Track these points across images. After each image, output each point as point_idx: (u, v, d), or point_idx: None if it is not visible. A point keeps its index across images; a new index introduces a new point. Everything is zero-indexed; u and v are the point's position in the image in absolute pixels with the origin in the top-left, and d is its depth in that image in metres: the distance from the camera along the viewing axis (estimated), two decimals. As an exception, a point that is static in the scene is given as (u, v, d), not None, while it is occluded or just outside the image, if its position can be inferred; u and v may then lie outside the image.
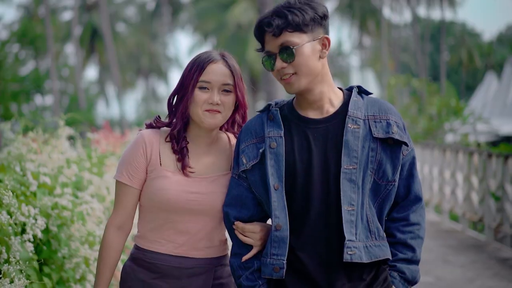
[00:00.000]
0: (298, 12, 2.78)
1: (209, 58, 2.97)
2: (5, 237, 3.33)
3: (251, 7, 39.23)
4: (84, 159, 5.29)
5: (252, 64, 38.62)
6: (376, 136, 2.83)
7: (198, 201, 2.99)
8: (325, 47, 2.84)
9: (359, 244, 2.79)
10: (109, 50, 35.72)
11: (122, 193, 3.00)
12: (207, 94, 2.95)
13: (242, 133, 2.97)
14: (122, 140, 8.97)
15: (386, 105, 2.92)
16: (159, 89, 58.61)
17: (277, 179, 2.83)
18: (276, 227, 2.81)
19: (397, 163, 2.85)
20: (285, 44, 2.79)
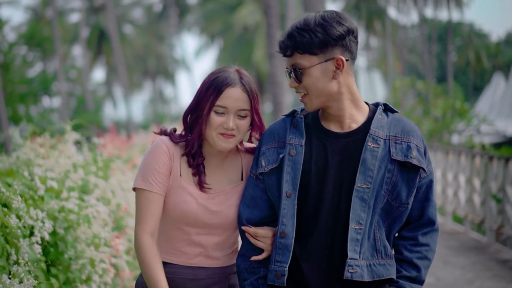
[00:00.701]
0: (308, 34, 2.77)
1: (226, 81, 2.92)
2: (14, 240, 3.47)
3: (257, 9, 39.36)
4: (90, 163, 5.43)
5: (258, 66, 38.73)
6: (395, 158, 2.82)
7: (214, 216, 2.99)
8: (339, 68, 2.80)
9: (362, 262, 2.79)
10: (116, 51, 35.90)
11: (148, 201, 2.94)
12: (222, 118, 2.92)
13: (265, 135, 2.98)
14: (128, 144, 9.13)
15: (410, 127, 2.90)
16: (166, 90, 58.79)
17: (291, 187, 2.84)
18: (281, 234, 2.84)
19: (412, 187, 2.84)
20: (294, 66, 2.82)
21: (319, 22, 2.77)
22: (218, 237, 3.03)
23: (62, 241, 4.25)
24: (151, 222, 2.93)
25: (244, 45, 40.37)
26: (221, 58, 45.27)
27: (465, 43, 53.82)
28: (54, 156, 4.84)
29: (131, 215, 5.65)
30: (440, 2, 48.45)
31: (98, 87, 53.31)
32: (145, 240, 2.91)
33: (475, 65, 52.04)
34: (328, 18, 2.78)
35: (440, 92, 20.24)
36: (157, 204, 2.94)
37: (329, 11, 2.82)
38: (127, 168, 6.92)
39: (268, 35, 18.62)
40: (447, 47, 46.92)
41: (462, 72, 56.76)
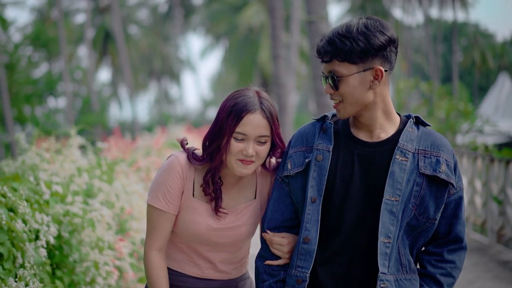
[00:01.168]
0: (349, 42, 2.72)
1: (246, 108, 2.90)
2: (20, 243, 3.57)
3: (262, 9, 39.42)
4: (94, 167, 5.53)
5: (263, 66, 38.79)
6: (423, 171, 2.78)
7: (224, 235, 3.02)
8: (377, 78, 2.77)
9: (390, 277, 2.77)
10: (121, 52, 35.97)
11: (158, 218, 2.98)
12: (242, 145, 2.91)
13: (294, 138, 2.97)
14: (132, 146, 9.23)
15: (440, 141, 2.85)
16: (172, 91, 58.84)
17: (316, 192, 2.83)
18: (305, 240, 2.83)
19: (440, 202, 2.81)
20: (332, 72, 2.77)
21: (362, 30, 2.73)
22: (227, 253, 3.07)
23: (67, 245, 4.36)
24: (159, 239, 2.98)
25: (249, 46, 40.42)
26: (226, 58, 45.36)
27: (471, 43, 53.79)
28: (59, 160, 4.94)
29: (134, 218, 5.76)
30: (445, 2, 48.49)
31: (103, 88, 53.43)
32: (153, 256, 2.98)
33: (481, 65, 51.99)
34: (371, 27, 2.74)
35: (444, 93, 20.30)
36: (166, 222, 2.97)
37: (372, 18, 2.77)
38: (131, 171, 7.02)
39: (272, 37, 18.71)
40: (452, 47, 46.92)
41: (468, 72, 56.74)
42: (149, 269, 2.99)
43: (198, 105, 63.92)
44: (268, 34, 37.21)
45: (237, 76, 42.47)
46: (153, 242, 2.99)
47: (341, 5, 52.16)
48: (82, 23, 46.45)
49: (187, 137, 3.25)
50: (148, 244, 3.00)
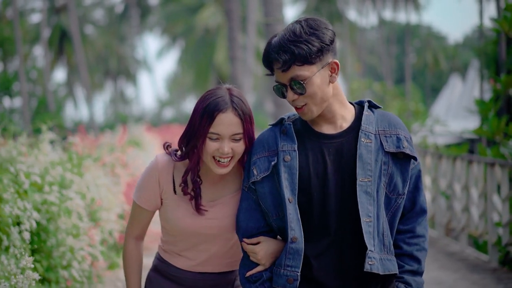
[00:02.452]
0: (305, 45, 2.77)
1: (218, 107, 2.95)
2: (6, 228, 3.90)
3: (219, 11, 39.71)
4: (66, 161, 5.86)
5: (220, 67, 39.07)
6: (388, 150, 2.87)
7: (213, 227, 3.10)
8: (334, 71, 2.85)
9: (376, 255, 2.83)
10: (78, 52, 35.90)
11: (138, 212, 3.18)
12: (217, 144, 2.97)
13: (254, 145, 2.99)
14: (96, 143, 9.54)
15: (395, 119, 2.96)
16: (128, 91, 58.82)
17: (290, 192, 2.85)
18: (292, 239, 2.84)
19: (406, 177, 2.90)
20: (294, 78, 2.80)
21: (310, 31, 2.78)
22: (222, 245, 3.17)
23: (45, 231, 4.68)
24: (137, 229, 3.20)
25: (205, 47, 40.66)
26: (182, 59, 45.50)
27: (423, 45, 54.62)
28: (34, 154, 5.26)
29: (104, 208, 6.09)
30: (398, 4, 49.31)
31: (59, 88, 53.13)
32: (130, 244, 3.21)
33: (433, 66, 52.82)
34: (316, 26, 2.80)
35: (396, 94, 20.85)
36: (145, 216, 3.18)
37: (308, 19, 2.83)
38: (97, 166, 7.34)
39: (229, 38, 19.03)
40: (405, 49, 47.69)
41: (421, 74, 57.60)
42: (125, 254, 3.21)
43: (154, 105, 63.93)
44: (224, 35, 37.53)
45: (193, 76, 42.69)
46: (131, 231, 3.20)
47: (296, 6, 52.62)
48: (38, 22, 46.19)
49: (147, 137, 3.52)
50: (127, 232, 3.23)
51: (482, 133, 9.12)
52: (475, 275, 8.06)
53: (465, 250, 9.57)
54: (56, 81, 54.09)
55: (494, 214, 8.72)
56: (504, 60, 17.55)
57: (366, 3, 49.75)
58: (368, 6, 50.37)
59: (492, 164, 8.64)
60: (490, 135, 8.99)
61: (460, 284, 7.68)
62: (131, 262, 3.20)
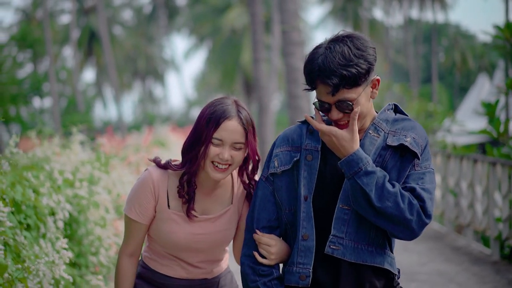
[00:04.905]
0: (354, 69, 2.74)
1: (224, 114, 3.00)
2: (42, 217, 4.53)
3: (244, 12, 40.24)
4: (94, 160, 6.50)
5: (246, 68, 39.61)
6: (389, 144, 2.85)
7: (203, 242, 3.16)
8: (375, 87, 2.84)
9: (347, 242, 2.83)
10: (106, 52, 36.59)
11: (132, 227, 3.18)
12: (218, 149, 3.01)
13: (279, 139, 3.02)
14: (123, 144, 10.21)
15: (411, 125, 2.92)
16: (156, 91, 59.50)
17: (307, 191, 2.87)
18: (304, 237, 2.87)
19: (402, 172, 2.84)
20: (342, 100, 2.77)
21: (358, 53, 2.75)
22: (208, 257, 3.24)
23: (75, 222, 5.32)
24: (132, 245, 3.19)
25: (232, 48, 41.21)
26: (209, 59, 46.11)
27: (451, 44, 54.55)
28: (67, 154, 5.90)
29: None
30: (424, 4, 49.48)
31: (88, 88, 54.01)
32: (123, 261, 3.20)
33: (461, 66, 52.70)
34: (362, 46, 2.78)
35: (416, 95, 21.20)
36: (139, 231, 3.17)
37: (354, 37, 2.80)
38: (123, 165, 7.98)
39: (253, 41, 19.59)
40: (432, 48, 47.78)
41: (449, 73, 57.54)
42: (117, 271, 3.22)
43: (182, 105, 64.62)
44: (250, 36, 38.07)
45: (220, 77, 43.28)
46: (126, 248, 3.20)
47: (323, 7, 52.94)
48: (67, 23, 46.97)
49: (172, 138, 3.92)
50: (121, 249, 3.23)
51: (486, 134, 9.64)
52: (476, 267, 8.60)
53: (471, 244, 10.09)
54: (85, 81, 54.99)
55: (496, 210, 9.24)
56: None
57: (393, 3, 49.94)
58: (394, 5, 50.55)
59: (494, 163, 9.16)
60: (494, 136, 9.51)
61: (461, 275, 8.21)
62: (122, 281, 3.20)
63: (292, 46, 12.16)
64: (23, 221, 4.24)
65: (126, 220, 3.19)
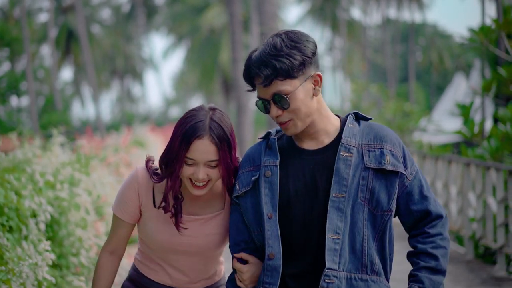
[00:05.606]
0: (286, 59, 2.69)
1: (195, 133, 2.90)
2: (24, 219, 4.60)
3: (223, 11, 40.33)
4: (74, 161, 6.56)
5: (225, 67, 39.70)
6: (369, 166, 2.75)
7: (190, 244, 3.07)
8: (317, 84, 2.76)
9: (341, 274, 2.73)
10: (85, 51, 36.50)
11: (116, 224, 3.14)
12: (193, 168, 2.93)
13: (242, 159, 2.96)
14: (102, 144, 10.27)
15: (383, 132, 2.82)
16: (134, 89, 59.44)
17: (271, 208, 2.79)
18: (269, 256, 2.79)
19: (392, 192, 2.77)
20: (277, 93, 2.72)
21: (291, 44, 2.71)
22: (198, 262, 3.15)
23: (56, 223, 5.39)
24: (114, 242, 3.15)
25: (211, 47, 41.29)
26: (188, 58, 46.16)
27: (429, 44, 54.87)
28: (47, 156, 5.97)
29: (108, 204, 6.80)
30: (402, 4, 49.77)
31: (66, 86, 53.80)
32: (103, 257, 3.15)
33: (438, 65, 53.05)
34: (297, 39, 2.73)
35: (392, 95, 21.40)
36: (123, 229, 3.13)
37: (287, 32, 2.77)
38: (103, 166, 8.05)
39: (232, 41, 19.73)
40: (410, 48, 48.08)
41: (426, 72, 57.89)
42: (96, 267, 3.16)
43: (161, 104, 64.59)
44: (229, 36, 38.16)
45: (199, 76, 43.34)
46: (108, 244, 3.16)
47: (301, 6, 53.12)
48: (45, 22, 46.77)
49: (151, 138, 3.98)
50: (103, 246, 3.19)
51: (461, 135, 9.83)
52: (450, 266, 8.75)
53: (446, 244, 10.26)
54: (63, 80, 54.75)
55: (470, 210, 9.42)
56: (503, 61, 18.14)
57: (371, 3, 50.20)
58: (372, 5, 50.82)
59: (468, 164, 9.33)
60: (468, 137, 9.69)
61: (435, 274, 8.37)
62: (99, 276, 3.15)
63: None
64: (6, 224, 4.32)
65: (113, 217, 3.17)
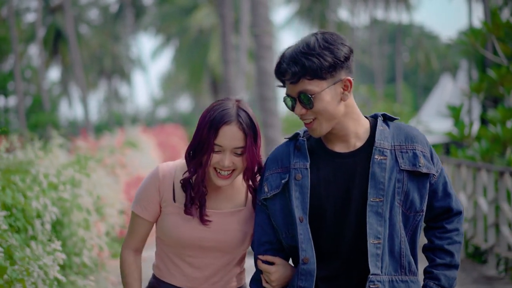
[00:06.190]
0: (316, 59, 2.68)
1: (223, 119, 2.91)
2: (30, 219, 4.70)
3: (212, 12, 40.36)
4: (74, 163, 6.66)
5: (214, 68, 39.75)
6: (403, 168, 2.76)
7: (210, 238, 3.01)
8: (346, 89, 2.75)
9: (384, 278, 2.74)
10: (73, 51, 36.38)
11: (136, 222, 3.09)
12: (219, 156, 2.93)
13: (268, 160, 2.93)
14: (97, 145, 10.36)
15: (412, 132, 2.84)
16: (122, 89, 59.35)
17: (301, 211, 2.78)
18: (304, 260, 2.78)
19: (424, 193, 2.80)
20: (303, 92, 2.72)
21: (325, 45, 2.70)
22: (217, 260, 3.07)
23: (59, 224, 5.49)
24: (135, 241, 3.10)
25: (199, 47, 41.29)
26: (176, 58, 46.15)
27: (416, 44, 55.09)
28: (49, 157, 6.06)
29: (108, 204, 6.91)
30: (389, 4, 49.96)
31: (53, 86, 53.65)
32: (126, 254, 3.10)
33: (425, 66, 53.26)
34: (332, 40, 2.72)
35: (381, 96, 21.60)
36: (142, 227, 3.08)
37: (326, 33, 2.77)
38: (100, 167, 8.14)
39: (223, 43, 19.77)
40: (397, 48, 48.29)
41: (413, 73, 58.10)
42: (123, 265, 3.10)
43: (148, 104, 64.55)
44: (218, 36, 38.18)
45: (187, 76, 43.36)
46: (128, 243, 3.11)
47: (289, 7, 53.24)
48: (33, 22, 46.63)
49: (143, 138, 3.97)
50: (124, 244, 3.14)
51: (451, 136, 9.98)
52: (442, 265, 8.90)
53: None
54: (50, 80, 54.58)
55: (461, 211, 9.56)
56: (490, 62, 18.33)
57: (358, 3, 50.37)
58: (360, 6, 50.99)
59: (458, 165, 9.48)
60: (458, 138, 9.84)
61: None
62: (130, 271, 3.10)
63: (264, 49, 12.39)
64: (14, 224, 4.41)
65: (132, 216, 3.12)
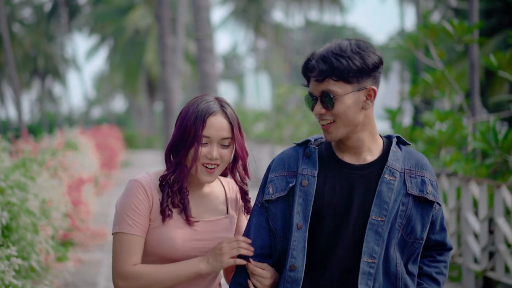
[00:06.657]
0: (345, 61, 2.68)
1: (209, 110, 2.90)
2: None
3: (148, 12, 40.24)
4: (20, 165, 6.64)
5: (150, 68, 39.63)
6: (410, 192, 2.75)
7: (202, 248, 2.94)
8: (369, 98, 2.74)
9: None
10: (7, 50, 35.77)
11: (129, 243, 2.87)
12: (206, 149, 2.89)
13: (274, 162, 2.89)
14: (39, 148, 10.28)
15: (422, 160, 2.84)
16: (55, 89, 58.62)
17: (302, 219, 2.75)
18: (291, 268, 2.75)
19: (426, 221, 2.79)
20: (326, 91, 2.70)
21: (356, 50, 2.70)
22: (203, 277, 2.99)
23: (7, 229, 5.48)
24: (132, 260, 2.88)
25: (135, 48, 41.12)
26: (111, 59, 45.83)
27: (348, 46, 55.78)
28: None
29: (54, 208, 6.91)
30: (323, 6, 50.59)
31: (-16, 86, 52.73)
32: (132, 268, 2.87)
33: (358, 67, 54.02)
34: (364, 47, 2.72)
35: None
36: (138, 246, 2.88)
37: (360, 40, 2.77)
38: (43, 170, 8.10)
39: (160, 44, 19.75)
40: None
41: (346, 74, 58.91)
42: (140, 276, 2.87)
43: (82, 104, 63.93)
44: (154, 37, 38.09)
45: (123, 76, 43.12)
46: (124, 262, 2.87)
47: (225, 7, 53.45)
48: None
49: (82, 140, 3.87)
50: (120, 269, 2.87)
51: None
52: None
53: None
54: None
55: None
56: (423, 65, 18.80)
57: (292, 5, 50.82)
58: (294, 7, 51.46)
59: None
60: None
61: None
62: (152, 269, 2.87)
63: (205, 53, 12.52)
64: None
65: (118, 239, 2.88)
